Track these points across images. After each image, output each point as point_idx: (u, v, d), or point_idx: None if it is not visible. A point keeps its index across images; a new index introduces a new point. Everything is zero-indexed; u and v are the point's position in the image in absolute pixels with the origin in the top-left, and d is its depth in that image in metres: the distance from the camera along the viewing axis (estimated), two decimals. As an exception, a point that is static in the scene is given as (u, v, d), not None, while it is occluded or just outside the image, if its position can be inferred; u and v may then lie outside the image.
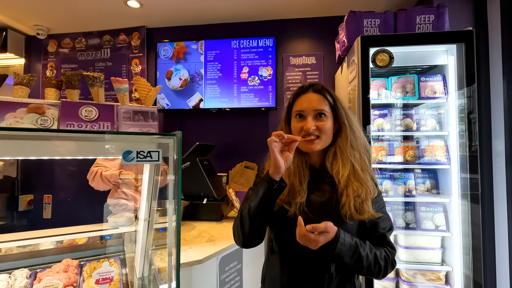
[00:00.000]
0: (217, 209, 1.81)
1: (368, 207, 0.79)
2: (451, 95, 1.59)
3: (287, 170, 0.85)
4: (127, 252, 1.47)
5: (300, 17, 2.43)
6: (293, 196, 0.84)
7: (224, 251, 1.36)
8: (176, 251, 0.79)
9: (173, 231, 0.86)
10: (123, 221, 1.61)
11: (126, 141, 0.80)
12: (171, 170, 0.77)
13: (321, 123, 0.83)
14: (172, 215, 0.87)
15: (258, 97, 2.36)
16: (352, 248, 0.76)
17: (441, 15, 1.61)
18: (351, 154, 0.83)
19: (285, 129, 0.91)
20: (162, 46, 2.48)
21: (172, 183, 0.81)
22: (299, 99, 0.87)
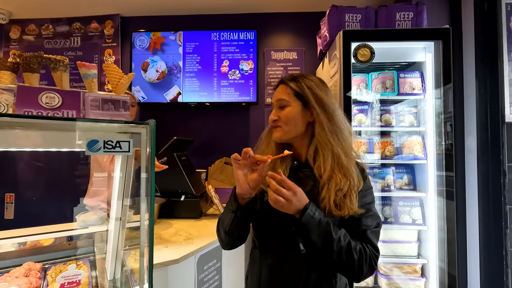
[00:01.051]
0: (195, 206, 1.74)
1: (351, 202, 0.74)
2: (429, 91, 1.62)
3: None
4: (97, 253, 1.38)
5: (282, 11, 2.40)
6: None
7: (202, 249, 1.30)
8: (148, 251, 0.72)
9: (146, 230, 0.79)
10: (93, 220, 1.51)
11: (93, 130, 0.72)
12: (143, 164, 0.71)
13: (283, 113, 0.83)
14: (144, 213, 0.80)
15: (239, 92, 2.30)
16: (322, 225, 0.70)
17: (420, 13, 1.64)
18: (330, 140, 0.78)
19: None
20: (137, 36, 2.35)
21: (145, 179, 0.74)
22: (274, 93, 0.91)
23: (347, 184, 0.75)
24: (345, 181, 0.75)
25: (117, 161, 1.04)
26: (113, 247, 1.13)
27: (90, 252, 1.38)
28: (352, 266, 0.72)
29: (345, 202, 0.74)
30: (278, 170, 0.71)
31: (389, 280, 1.66)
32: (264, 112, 2.40)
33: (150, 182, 0.75)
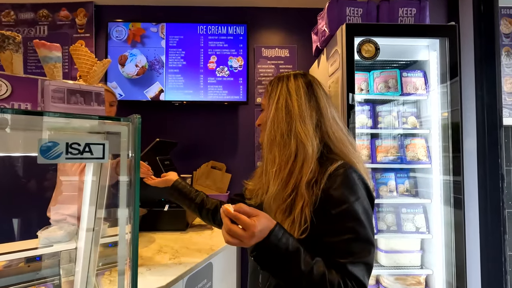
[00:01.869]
0: (181, 216, 1.54)
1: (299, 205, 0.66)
2: (433, 92, 1.54)
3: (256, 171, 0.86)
4: (64, 275, 1.16)
5: (273, 6, 2.25)
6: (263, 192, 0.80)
7: (191, 270, 1.12)
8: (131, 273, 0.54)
9: (126, 245, 0.61)
10: (59, 236, 1.28)
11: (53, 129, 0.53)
12: (123, 168, 0.52)
13: (260, 117, 0.84)
14: (124, 225, 0.62)
15: (228, 90, 2.12)
16: (288, 255, 0.57)
17: (423, 9, 1.56)
18: (270, 146, 0.74)
19: None
20: (114, 27, 2.11)
21: (126, 187, 0.56)
22: None
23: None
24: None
25: (88, 167, 0.84)
26: (84, 268, 0.94)
27: (55, 274, 1.17)
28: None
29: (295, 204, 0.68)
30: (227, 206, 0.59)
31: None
32: (254, 113, 2.24)
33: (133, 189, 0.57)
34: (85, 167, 0.86)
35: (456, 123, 1.45)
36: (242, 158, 2.22)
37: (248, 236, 0.54)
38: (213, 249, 1.27)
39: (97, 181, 0.81)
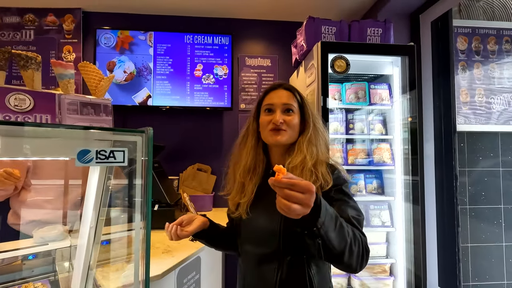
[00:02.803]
0: (170, 215, 1.65)
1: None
2: (396, 102, 1.76)
3: (241, 167, 0.88)
4: (60, 272, 1.24)
5: (257, 18, 2.42)
6: (242, 195, 0.86)
7: (182, 262, 1.24)
8: (145, 263, 0.66)
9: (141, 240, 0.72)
10: (53, 235, 1.35)
11: (76, 139, 0.65)
12: (139, 173, 0.65)
13: (289, 117, 0.84)
14: (139, 221, 0.74)
15: (213, 97, 2.26)
16: (334, 215, 0.62)
17: (388, 30, 1.77)
18: (308, 149, 0.81)
19: (253, 125, 0.92)
20: (103, 34, 2.18)
21: (140, 187, 0.68)
22: (270, 95, 0.89)
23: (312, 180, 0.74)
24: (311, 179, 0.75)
25: (93, 170, 0.95)
26: (85, 263, 1.02)
27: (50, 271, 1.24)
28: (358, 258, 0.67)
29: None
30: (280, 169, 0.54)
31: (362, 281, 1.74)
32: (238, 118, 2.38)
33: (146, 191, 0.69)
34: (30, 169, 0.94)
35: (414, 129, 1.67)
36: (227, 160, 2.35)
37: (310, 197, 0.53)
38: (201, 244, 1.39)
39: (103, 181, 0.92)
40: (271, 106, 0.86)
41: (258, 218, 0.83)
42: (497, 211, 2.10)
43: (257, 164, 0.88)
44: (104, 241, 1.28)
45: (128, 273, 1.03)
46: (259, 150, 0.90)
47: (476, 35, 2.19)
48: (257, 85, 2.41)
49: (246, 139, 0.92)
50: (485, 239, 2.07)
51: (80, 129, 0.59)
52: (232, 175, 0.93)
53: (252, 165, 0.87)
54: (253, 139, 0.90)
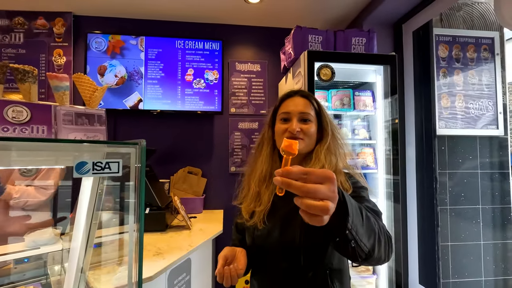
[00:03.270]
0: (161, 218, 1.69)
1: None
2: (379, 109, 1.84)
3: (257, 175, 0.85)
4: (52, 275, 1.27)
5: (247, 25, 2.47)
6: (257, 203, 0.82)
7: (173, 264, 1.28)
8: (138, 265, 0.71)
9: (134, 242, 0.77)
10: (45, 239, 1.38)
11: (74, 151, 0.69)
12: (132, 181, 0.70)
13: (306, 126, 0.82)
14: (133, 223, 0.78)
15: (204, 101, 2.30)
16: (357, 206, 0.54)
17: (371, 39, 1.85)
18: (326, 158, 0.79)
19: (268, 133, 0.90)
20: (94, 38, 2.20)
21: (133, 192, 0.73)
22: (286, 102, 0.87)
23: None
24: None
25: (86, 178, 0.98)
26: (78, 266, 1.06)
27: (42, 275, 1.26)
28: (386, 247, 0.61)
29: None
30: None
31: (346, 279, 1.82)
32: (228, 122, 2.43)
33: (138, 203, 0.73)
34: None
35: (395, 132, 1.76)
36: (217, 163, 2.40)
37: (332, 186, 0.44)
38: (191, 246, 1.44)
39: (96, 187, 0.96)
40: (287, 115, 0.84)
41: (274, 229, 0.79)
42: (475, 211, 2.20)
43: (273, 172, 0.82)
44: (95, 244, 1.32)
45: (120, 275, 1.08)
46: (275, 158, 0.88)
47: (456, 43, 2.30)
48: (247, 89, 2.47)
49: (262, 147, 0.90)
50: (465, 237, 2.17)
51: (77, 143, 0.63)
52: (246, 184, 0.90)
53: (268, 173, 0.85)
54: (269, 147, 0.88)
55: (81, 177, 0.62)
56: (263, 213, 0.80)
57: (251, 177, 0.88)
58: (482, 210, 2.20)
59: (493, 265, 2.15)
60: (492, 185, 2.20)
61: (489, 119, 2.28)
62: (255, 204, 0.83)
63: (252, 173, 0.89)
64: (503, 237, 2.17)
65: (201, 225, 1.84)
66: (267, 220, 0.80)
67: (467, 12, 2.35)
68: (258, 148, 0.91)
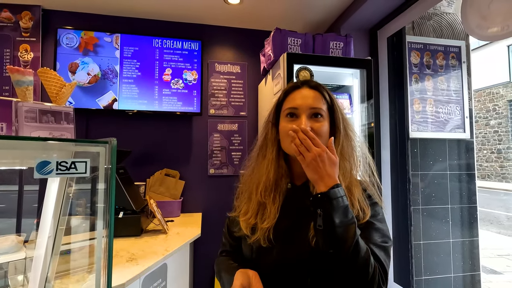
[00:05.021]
0: (136, 222, 1.62)
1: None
2: (356, 111, 1.89)
3: (261, 183, 0.73)
4: (13, 286, 1.18)
5: (227, 25, 2.46)
6: (261, 218, 0.70)
7: (148, 270, 1.23)
8: (107, 273, 0.66)
9: (103, 248, 0.72)
10: (6, 247, 1.28)
11: (36, 149, 0.64)
12: (101, 183, 0.65)
13: (317, 124, 0.69)
14: (101, 229, 0.73)
15: (182, 101, 2.25)
16: (347, 214, 0.58)
17: (348, 43, 1.90)
18: (340, 164, 0.67)
19: (272, 132, 0.76)
20: (64, 33, 2.09)
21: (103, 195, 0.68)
22: (292, 95, 0.74)
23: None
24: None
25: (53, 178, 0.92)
26: (42, 275, 0.99)
27: (2, 286, 1.18)
28: (367, 273, 0.59)
29: None
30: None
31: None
32: (207, 123, 2.40)
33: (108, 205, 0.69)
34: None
35: (371, 135, 1.81)
36: (196, 166, 2.35)
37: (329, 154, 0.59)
38: (168, 251, 1.39)
39: (63, 190, 0.90)
40: (294, 110, 0.71)
41: (280, 248, 0.68)
42: (445, 210, 2.31)
43: (280, 179, 0.74)
44: (67, 251, 1.24)
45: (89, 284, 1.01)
46: (281, 162, 0.75)
47: (427, 51, 2.41)
48: (227, 91, 2.45)
49: (266, 150, 0.77)
50: (435, 236, 2.27)
51: (40, 141, 0.58)
52: (246, 193, 0.77)
53: (275, 180, 0.73)
54: (274, 150, 0.75)
55: (44, 178, 0.57)
56: (268, 229, 0.69)
57: (252, 185, 0.76)
58: (451, 209, 2.31)
59: (461, 261, 2.26)
60: (460, 185, 2.32)
61: (456, 123, 2.40)
62: (258, 219, 0.71)
63: (254, 180, 0.76)
64: (469, 235, 2.29)
65: (178, 229, 1.78)
66: (273, 238, 0.68)
67: (436, 22, 2.48)
68: (261, 151, 0.78)
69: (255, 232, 0.70)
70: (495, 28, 1.31)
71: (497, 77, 9.96)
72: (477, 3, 1.40)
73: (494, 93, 10.08)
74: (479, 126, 10.16)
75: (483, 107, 10.33)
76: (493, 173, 9.62)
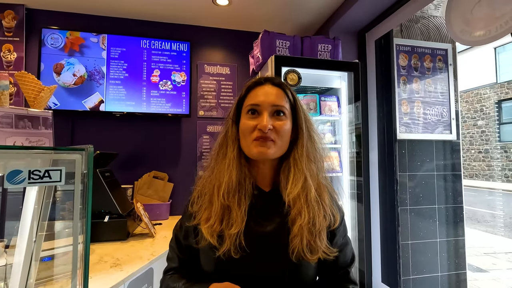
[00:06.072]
0: (122, 226, 1.60)
1: (321, 242, 0.63)
2: (344, 114, 1.90)
3: (222, 184, 0.66)
4: (-10, 294, 1.14)
5: (216, 27, 2.44)
6: (227, 224, 0.64)
7: (132, 276, 1.21)
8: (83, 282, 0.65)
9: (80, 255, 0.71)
10: (-15, 254, 1.24)
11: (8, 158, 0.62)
12: (77, 193, 0.64)
13: (279, 123, 0.66)
14: (78, 235, 0.72)
15: (171, 103, 2.23)
16: None
17: (336, 46, 1.91)
18: (307, 167, 0.66)
19: (232, 130, 0.72)
20: (49, 33, 2.05)
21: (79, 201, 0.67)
22: (254, 91, 0.70)
23: (320, 217, 0.64)
24: (319, 214, 0.64)
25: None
26: (21, 283, 0.96)
27: None
28: None
29: (317, 243, 0.62)
30: None
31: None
32: (196, 125, 2.38)
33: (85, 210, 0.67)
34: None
35: (359, 136, 1.83)
36: (184, 168, 2.33)
37: None
38: (153, 255, 1.37)
39: (42, 195, 0.87)
40: (256, 107, 0.67)
41: (253, 256, 0.63)
42: (432, 210, 2.34)
43: (244, 179, 0.68)
44: (48, 257, 1.21)
45: (68, 292, 0.98)
46: (243, 161, 0.70)
47: (415, 53, 2.44)
48: (216, 92, 2.44)
49: (226, 148, 0.71)
50: (423, 236, 2.30)
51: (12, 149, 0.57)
52: (206, 197, 0.70)
53: (238, 181, 0.67)
54: (235, 148, 0.70)
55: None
56: (237, 236, 0.63)
57: (213, 188, 0.69)
58: (438, 209, 2.35)
59: (448, 261, 2.30)
60: (446, 185, 2.36)
61: (443, 125, 2.44)
62: (223, 225, 0.64)
63: (214, 181, 0.69)
64: (455, 234, 2.34)
65: (166, 232, 1.77)
66: (246, 246, 0.62)
67: (424, 25, 2.52)
68: (221, 150, 0.72)
69: (223, 241, 0.63)
70: (478, 33, 1.34)
71: (485, 79, 10.19)
72: (461, 9, 1.42)
73: (482, 94, 10.30)
74: (467, 127, 10.37)
75: (471, 107, 10.55)
76: (481, 172, 9.84)
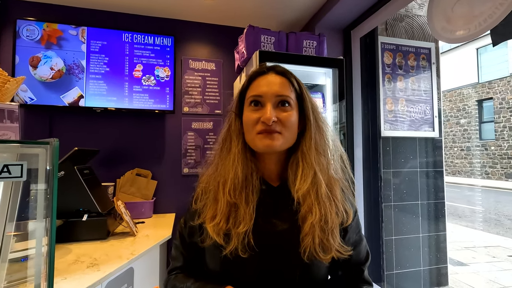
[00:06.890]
0: (101, 225, 1.55)
1: (335, 240, 0.59)
2: (329, 110, 1.90)
3: (228, 181, 0.63)
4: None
5: (201, 21, 2.40)
6: (234, 222, 0.60)
7: (110, 275, 1.17)
8: (48, 284, 0.61)
9: (44, 258, 0.67)
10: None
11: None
12: (41, 186, 0.60)
13: (284, 114, 0.62)
14: (41, 237, 0.68)
15: (154, 99, 2.18)
16: None
17: (321, 43, 1.90)
18: (316, 161, 0.63)
19: (236, 124, 0.69)
20: (24, 25, 1.95)
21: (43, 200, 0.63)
22: (256, 82, 0.67)
23: (333, 215, 0.61)
24: (331, 211, 0.61)
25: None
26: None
27: None
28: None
29: (330, 241, 0.59)
30: None
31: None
32: (181, 122, 2.34)
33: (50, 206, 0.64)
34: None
35: (344, 133, 1.83)
36: (169, 165, 2.29)
37: None
38: (134, 254, 1.34)
39: (9, 196, 0.83)
40: (258, 98, 0.64)
41: (258, 258, 0.60)
42: (415, 206, 2.39)
43: (251, 174, 0.65)
44: (23, 258, 1.16)
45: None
46: (249, 156, 0.67)
47: (399, 52, 2.47)
48: (201, 88, 2.40)
49: (230, 143, 0.68)
50: (406, 231, 2.34)
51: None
52: (211, 194, 0.67)
53: (244, 176, 0.63)
54: (240, 143, 0.67)
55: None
56: (246, 235, 0.59)
57: (217, 184, 0.65)
58: (421, 205, 2.40)
59: (430, 255, 2.36)
60: (429, 182, 2.41)
61: (426, 122, 2.49)
62: (230, 223, 0.61)
63: (219, 178, 0.66)
64: (437, 229, 2.39)
65: (148, 231, 1.73)
66: (255, 245, 0.59)
67: (408, 23, 2.55)
68: (225, 145, 0.69)
69: (230, 239, 0.60)
70: (458, 31, 1.36)
71: (467, 79, 10.49)
72: (442, 6, 1.44)
73: (464, 93, 10.61)
74: (450, 125, 10.66)
75: (454, 106, 10.85)
76: (463, 169, 10.15)
